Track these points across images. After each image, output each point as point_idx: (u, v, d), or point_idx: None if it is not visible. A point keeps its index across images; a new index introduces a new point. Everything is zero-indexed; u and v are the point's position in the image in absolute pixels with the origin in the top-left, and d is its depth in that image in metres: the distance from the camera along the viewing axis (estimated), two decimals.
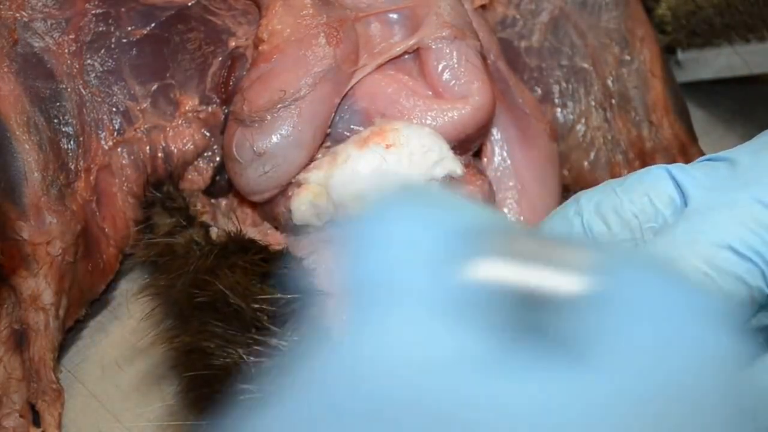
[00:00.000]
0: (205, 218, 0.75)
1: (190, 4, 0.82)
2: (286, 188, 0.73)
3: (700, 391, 0.36)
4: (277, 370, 0.51)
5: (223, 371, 0.64)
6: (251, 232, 0.76)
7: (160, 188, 0.77)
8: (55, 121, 0.77)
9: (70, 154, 0.77)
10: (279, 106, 0.72)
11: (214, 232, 0.73)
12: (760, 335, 0.60)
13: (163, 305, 0.74)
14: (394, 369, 0.34)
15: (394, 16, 0.77)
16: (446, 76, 0.75)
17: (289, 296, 0.65)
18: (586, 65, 0.87)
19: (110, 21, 0.80)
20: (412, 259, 0.36)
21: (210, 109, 0.80)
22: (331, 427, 0.34)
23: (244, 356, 0.63)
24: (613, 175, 0.85)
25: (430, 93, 0.75)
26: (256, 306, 0.64)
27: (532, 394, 0.34)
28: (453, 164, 0.72)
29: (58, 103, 0.77)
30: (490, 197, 0.76)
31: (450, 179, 0.73)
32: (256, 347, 0.63)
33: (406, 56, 0.76)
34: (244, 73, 0.77)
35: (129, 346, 0.80)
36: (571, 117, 0.87)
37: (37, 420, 0.74)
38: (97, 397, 0.78)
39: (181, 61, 0.80)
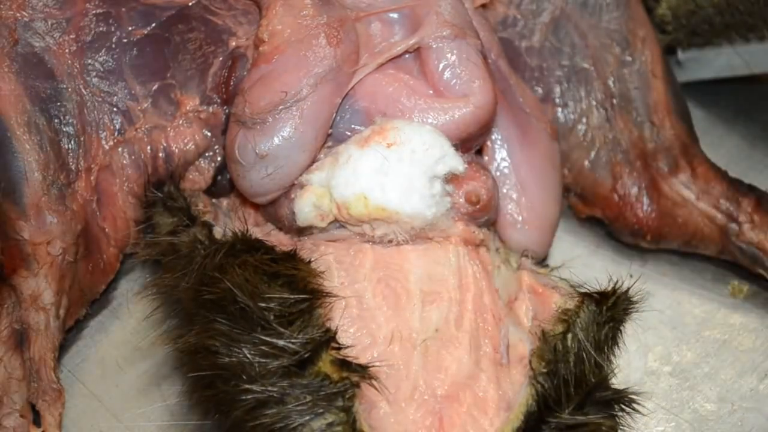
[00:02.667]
0: (208, 218, 0.75)
1: (190, 3, 0.81)
2: (289, 190, 0.73)
3: None
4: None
5: (229, 371, 0.64)
6: (255, 232, 0.76)
7: (161, 188, 0.77)
8: (56, 120, 0.77)
9: (71, 154, 0.77)
10: (280, 107, 0.72)
11: (217, 231, 0.73)
12: None
13: (166, 304, 0.74)
14: None
15: (395, 15, 0.77)
16: (447, 75, 0.75)
17: (297, 297, 0.64)
18: (586, 65, 0.87)
19: (111, 21, 0.80)
20: None
21: (211, 109, 0.80)
22: None
23: (250, 356, 0.63)
24: (614, 175, 0.86)
25: (431, 92, 0.75)
26: (264, 305, 0.64)
27: None
28: (455, 161, 0.72)
29: (58, 103, 0.77)
30: (494, 192, 0.76)
31: (452, 176, 0.73)
32: (262, 347, 0.63)
33: (407, 55, 0.76)
34: (245, 73, 0.77)
35: (130, 346, 0.80)
36: (571, 116, 0.87)
37: (37, 420, 0.74)
38: (97, 396, 0.78)
39: (182, 61, 0.80)
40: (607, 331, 0.69)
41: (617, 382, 0.69)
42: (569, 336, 0.68)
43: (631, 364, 0.81)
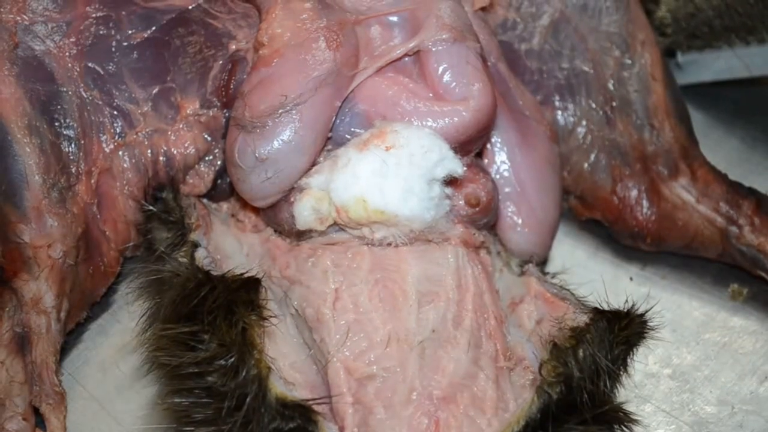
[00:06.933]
0: (197, 234, 0.75)
1: (190, 7, 0.82)
2: (288, 193, 0.73)
3: None
4: None
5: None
6: (251, 238, 0.76)
7: (160, 195, 0.78)
8: (56, 124, 0.77)
9: (71, 157, 0.77)
10: (280, 111, 0.72)
11: (200, 253, 0.73)
12: None
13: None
14: None
15: (394, 18, 0.77)
16: (446, 78, 0.75)
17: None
18: (586, 68, 0.87)
19: (111, 24, 0.80)
20: None
21: (211, 112, 0.80)
22: None
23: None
24: (614, 178, 0.86)
25: (431, 95, 0.75)
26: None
27: None
28: (453, 164, 0.72)
29: (59, 106, 0.77)
30: (494, 194, 0.76)
31: (451, 179, 0.73)
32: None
33: (407, 59, 0.76)
34: (245, 76, 0.78)
35: (130, 348, 0.80)
36: (571, 119, 0.87)
37: (41, 423, 0.74)
38: (97, 399, 0.78)
39: (182, 65, 0.80)
40: (619, 352, 0.69)
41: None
42: (581, 351, 0.68)
43: (631, 367, 0.81)
